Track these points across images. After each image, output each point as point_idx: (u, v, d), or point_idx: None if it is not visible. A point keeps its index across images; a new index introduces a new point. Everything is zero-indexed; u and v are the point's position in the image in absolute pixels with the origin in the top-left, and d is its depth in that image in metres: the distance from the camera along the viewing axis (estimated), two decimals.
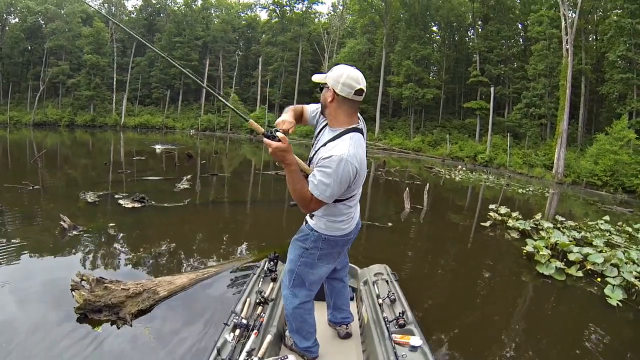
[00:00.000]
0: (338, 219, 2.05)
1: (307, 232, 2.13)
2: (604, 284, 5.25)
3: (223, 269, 4.12)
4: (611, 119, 24.64)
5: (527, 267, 5.75)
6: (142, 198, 6.66)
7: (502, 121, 30.55)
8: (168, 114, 39.73)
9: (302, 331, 2.31)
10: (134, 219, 6.14)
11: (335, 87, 1.82)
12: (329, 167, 1.74)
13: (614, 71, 22.87)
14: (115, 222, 5.79)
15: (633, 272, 5.50)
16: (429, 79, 34.03)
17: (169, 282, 3.35)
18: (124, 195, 7.17)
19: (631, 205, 16.42)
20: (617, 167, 19.40)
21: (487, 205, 11.42)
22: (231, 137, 35.48)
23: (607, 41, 23.23)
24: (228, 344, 2.08)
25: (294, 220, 7.36)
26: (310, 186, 1.79)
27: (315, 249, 2.11)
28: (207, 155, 17.89)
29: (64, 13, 38.09)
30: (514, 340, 3.68)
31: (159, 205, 6.93)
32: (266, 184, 11.74)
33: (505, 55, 32.05)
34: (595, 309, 4.70)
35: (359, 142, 1.87)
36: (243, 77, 45.85)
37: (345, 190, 1.88)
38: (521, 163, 25.11)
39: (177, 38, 40.28)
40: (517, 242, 7.20)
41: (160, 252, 4.84)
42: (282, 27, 41.90)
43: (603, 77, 25.44)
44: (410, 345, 2.14)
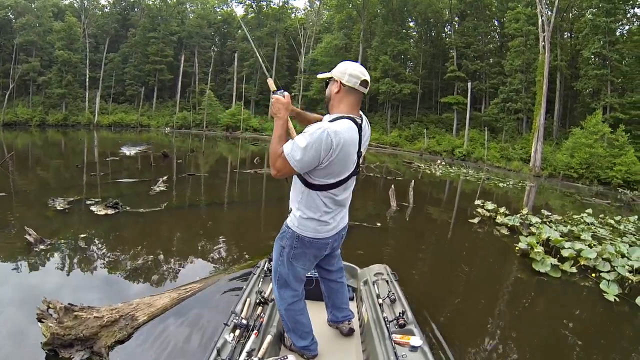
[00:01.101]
0: (314, 215, 2.00)
1: (284, 230, 2.13)
2: (598, 280, 5.21)
3: (207, 284, 3.72)
4: (585, 113, 25.33)
5: (522, 264, 5.65)
6: (115, 204, 6.13)
7: (479, 116, 31.03)
8: (142, 111, 38.49)
9: (297, 331, 2.30)
10: (107, 228, 5.61)
11: (342, 79, 1.91)
12: (308, 132, 1.80)
13: (588, 68, 23.48)
14: (86, 233, 5.27)
15: (626, 266, 5.51)
16: (406, 74, 34.16)
17: (148, 304, 2.94)
18: (96, 201, 6.61)
19: (606, 196, 16.87)
20: (592, 160, 19.92)
21: (471, 200, 11.38)
22: (207, 134, 34.74)
23: (582, 39, 23.81)
24: (228, 344, 2.07)
25: (275, 222, 7.05)
26: (286, 144, 1.86)
27: (290, 247, 2.09)
28: (183, 154, 17.26)
29: (35, 7, 36.22)
30: (515, 339, 3.59)
31: (134, 211, 6.40)
32: (245, 183, 11.33)
33: (482, 51, 32.48)
34: (594, 305, 4.66)
35: (349, 128, 1.89)
36: (219, 73, 45.04)
37: (320, 169, 1.87)
38: (499, 157, 25.53)
39: (151, 33, 39.04)
40: (507, 239, 7.12)
41: (136, 266, 4.38)
42: (258, 23, 41.34)
43: (578, 73, 26.12)
44: (410, 345, 2.13)
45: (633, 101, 21.53)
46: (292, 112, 2.08)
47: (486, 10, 33.13)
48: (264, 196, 9.86)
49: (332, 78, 1.97)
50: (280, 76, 41.35)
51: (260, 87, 40.95)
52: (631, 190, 17.89)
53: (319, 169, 1.89)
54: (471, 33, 32.29)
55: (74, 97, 35.40)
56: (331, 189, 1.97)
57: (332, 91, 1.98)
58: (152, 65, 38.93)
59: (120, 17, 42.95)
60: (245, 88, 40.10)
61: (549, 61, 23.20)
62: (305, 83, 38.11)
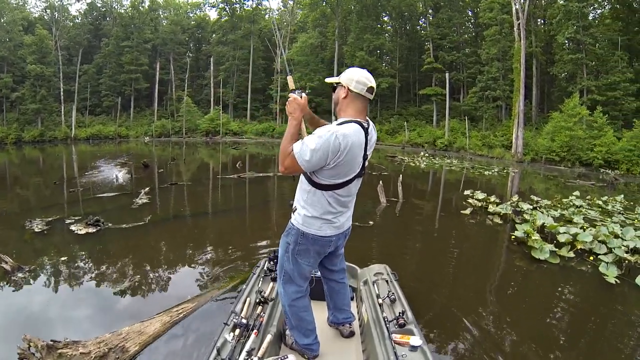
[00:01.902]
0: (318, 214, 2.06)
1: (290, 227, 2.18)
2: (597, 262, 5.20)
3: (200, 303, 3.47)
4: (562, 97, 25.79)
5: (520, 253, 5.59)
6: (97, 221, 5.77)
7: (458, 105, 31.37)
8: (120, 122, 37.61)
9: (301, 328, 2.31)
10: (89, 248, 5.26)
11: (349, 85, 1.99)
12: (318, 134, 1.88)
13: (563, 52, 23.89)
14: (67, 256, 4.90)
15: (622, 247, 5.52)
16: (383, 68, 34.24)
17: (138, 332, 2.69)
18: (76, 220, 6.23)
19: (589, 177, 17.19)
20: (572, 143, 20.27)
21: (459, 190, 11.40)
22: (187, 141, 34.29)
23: (556, 24, 24.18)
24: (228, 344, 2.06)
25: (264, 227, 6.86)
26: (296, 144, 1.94)
27: (295, 243, 2.14)
28: (164, 163, 16.82)
29: (4, 22, 34.90)
30: (518, 333, 3.50)
31: (117, 227, 6.03)
32: (229, 189, 11.04)
33: (458, 42, 32.82)
34: (596, 288, 4.63)
35: (356, 131, 1.96)
36: (195, 79, 44.48)
37: (327, 169, 1.95)
38: (480, 145, 25.79)
39: (125, 42, 38.23)
40: (501, 228, 7.10)
41: (123, 289, 4.05)
42: (232, 25, 40.93)
43: (553, 58, 26.57)
44: (410, 345, 2.12)
45: (608, 83, 21.96)
46: (306, 115, 2.14)
47: (460, 1, 33.47)
48: (249, 202, 9.61)
49: (340, 83, 2.05)
50: (257, 78, 41.28)
51: (237, 90, 40.69)
52: (612, 169, 18.26)
53: (326, 169, 1.96)
54: (446, 24, 32.58)
55: (49, 112, 34.36)
56: (336, 189, 2.04)
57: (339, 96, 2.05)
58: (127, 74, 38.18)
59: (92, 27, 41.99)
60: (222, 92, 39.72)
61: (525, 48, 23.52)
62: (282, 83, 37.89)
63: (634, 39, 24.17)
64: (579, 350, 3.35)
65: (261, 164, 19.19)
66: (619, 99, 21.73)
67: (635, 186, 15.53)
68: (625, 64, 22.37)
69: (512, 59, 25.25)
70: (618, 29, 23.80)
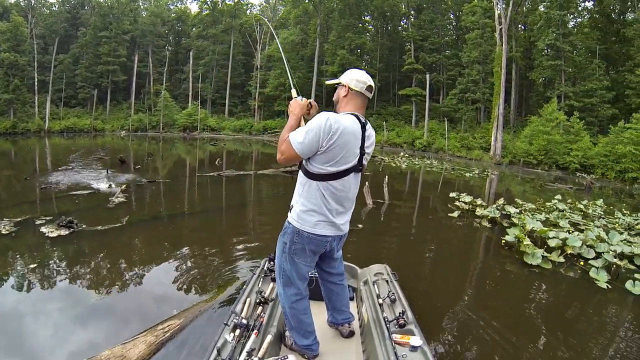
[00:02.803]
0: (314, 207, 2.06)
1: (286, 226, 2.18)
2: (587, 267, 5.23)
3: (188, 319, 3.10)
4: (539, 102, 26.45)
5: (512, 258, 5.55)
6: (69, 222, 5.29)
7: (438, 106, 31.78)
8: (96, 115, 36.46)
9: (300, 330, 2.29)
10: (61, 253, 4.73)
11: (350, 84, 2.09)
12: (313, 120, 1.98)
13: (542, 58, 24.45)
14: (36, 263, 4.39)
15: (609, 252, 5.57)
16: (363, 67, 34.30)
17: (120, 357, 2.38)
18: (47, 220, 5.73)
19: (565, 180, 17.61)
20: (550, 147, 20.76)
21: (444, 192, 11.40)
22: (164, 136, 33.57)
23: (536, 31, 24.73)
24: (228, 344, 2.05)
25: (250, 227, 6.59)
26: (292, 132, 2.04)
27: (290, 242, 2.14)
28: (140, 159, 16.22)
29: None
30: (516, 336, 3.47)
31: (92, 229, 5.56)
32: (209, 187, 10.64)
33: (439, 44, 33.16)
34: (589, 294, 4.63)
35: (351, 120, 2.03)
36: (174, 73, 43.64)
37: (320, 153, 1.98)
38: (459, 146, 26.15)
39: (103, 32, 37.05)
40: (490, 231, 7.06)
41: (100, 303, 3.57)
42: (213, 20, 40.36)
43: (532, 64, 27.17)
44: (410, 345, 2.11)
45: (585, 89, 22.64)
46: (305, 115, 2.21)
47: (442, 4, 33.84)
48: (231, 201, 9.25)
49: (340, 83, 2.15)
50: (236, 74, 41.03)
51: (216, 86, 40.15)
52: (588, 173, 18.78)
53: (320, 154, 1.98)
54: (428, 26, 32.91)
55: (22, 103, 32.80)
56: (331, 180, 2.03)
57: (340, 95, 2.14)
58: (104, 66, 37.05)
59: (69, 15, 40.54)
60: (201, 87, 39.20)
61: (506, 53, 23.93)
62: (261, 80, 37.49)
63: (611, 48, 25.07)
64: (579, 354, 3.31)
65: (240, 161, 18.80)
66: (595, 106, 22.45)
67: (610, 190, 16.01)
68: (602, 72, 23.13)
69: (492, 63, 25.68)
70: (596, 37, 24.60)
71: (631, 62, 22.36)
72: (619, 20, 25.58)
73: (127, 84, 39.70)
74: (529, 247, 5.37)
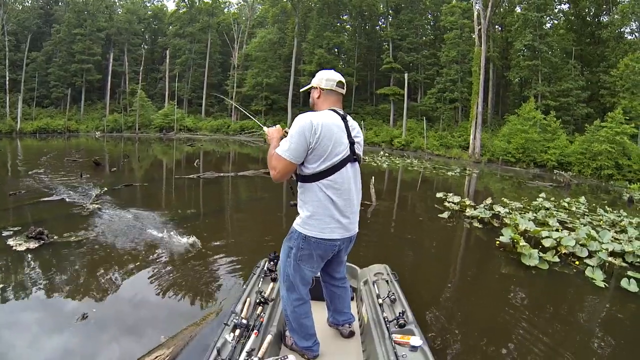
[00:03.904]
0: (318, 209, 2.03)
1: (292, 231, 2.15)
2: (582, 266, 5.23)
3: (177, 347, 2.71)
4: (516, 101, 26.98)
5: (508, 259, 5.47)
6: (39, 233, 4.76)
7: (416, 105, 32.08)
8: (70, 115, 35.19)
9: (301, 332, 2.29)
10: (29, 269, 4.24)
11: (320, 84, 2.15)
12: (293, 125, 1.99)
13: (519, 59, 24.94)
14: (1, 280, 3.86)
15: (603, 251, 5.59)
16: (339, 66, 34.34)
17: None
18: (15, 231, 5.18)
19: (543, 178, 17.99)
20: (528, 145, 21.19)
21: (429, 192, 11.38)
22: (140, 137, 32.66)
23: (514, 31, 25.21)
24: (228, 344, 2.04)
25: (239, 235, 6.10)
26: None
27: (297, 248, 2.11)
28: (116, 161, 15.55)
29: None
30: (518, 336, 3.44)
31: (64, 240, 5.03)
32: (189, 191, 10.20)
33: (417, 44, 33.45)
34: (588, 293, 4.63)
35: (329, 114, 2.08)
36: (150, 72, 42.59)
37: (311, 154, 1.99)
38: (438, 145, 26.43)
39: (77, 30, 35.65)
40: (482, 232, 6.98)
41: (75, 331, 3.05)
42: (190, 18, 39.68)
43: (509, 64, 27.69)
44: (410, 345, 2.10)
45: (561, 89, 23.25)
46: (283, 136, 2.21)
47: (421, 4, 34.15)
48: (214, 205, 8.81)
49: (312, 87, 2.20)
50: (213, 73, 40.67)
51: (193, 85, 39.52)
52: (565, 171, 19.23)
53: (311, 155, 1.99)
54: (406, 26, 33.15)
55: None
56: (328, 176, 2.02)
57: (314, 97, 2.20)
58: (78, 64, 35.70)
59: (42, 11, 38.87)
60: (177, 87, 38.47)
61: (485, 53, 24.28)
62: (238, 79, 36.99)
63: (586, 49, 25.87)
64: (586, 353, 3.30)
65: (218, 161, 18.35)
66: (571, 105, 23.07)
67: (587, 187, 16.40)
68: (577, 73, 23.82)
69: (471, 63, 26.03)
70: (571, 39, 25.32)
71: (605, 63, 23.11)
72: (594, 22, 26.45)
73: (102, 83, 38.49)
74: (525, 248, 5.29)
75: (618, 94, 20.24)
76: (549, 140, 20.95)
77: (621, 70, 19.86)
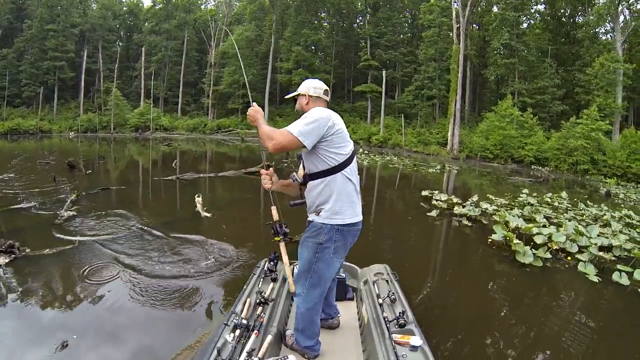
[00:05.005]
0: (341, 197, 2.14)
1: (319, 227, 2.16)
2: (574, 262, 5.32)
3: None
4: (492, 98, 27.48)
5: (501, 256, 5.48)
6: (10, 246, 4.27)
7: (393, 103, 32.33)
8: (43, 115, 33.68)
9: (307, 331, 2.32)
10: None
11: (308, 92, 2.30)
12: (311, 114, 2.11)
13: (497, 57, 25.40)
14: None
15: (592, 246, 5.71)
16: (316, 64, 34.20)
17: None
18: None
19: (521, 173, 18.41)
20: (505, 141, 21.62)
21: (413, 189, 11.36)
22: (115, 137, 31.68)
23: (492, 30, 25.65)
24: (228, 344, 2.04)
25: (233, 238, 5.42)
26: (290, 127, 2.07)
27: (330, 241, 2.16)
28: (91, 163, 14.88)
29: None
30: (518, 335, 3.46)
31: (38, 254, 4.55)
32: (170, 193, 9.79)
33: (395, 41, 33.67)
34: (583, 288, 4.72)
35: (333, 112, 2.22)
36: (125, 70, 41.31)
37: (328, 139, 2.10)
38: (416, 142, 26.70)
39: (50, 25, 34.02)
40: (473, 230, 6.98)
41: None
42: (166, 14, 38.81)
43: (486, 62, 28.18)
44: (410, 345, 2.11)
45: (537, 87, 23.82)
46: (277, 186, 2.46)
47: (399, 2, 34.37)
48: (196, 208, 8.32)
49: (300, 94, 2.32)
50: (190, 71, 40.06)
51: (169, 83, 38.73)
52: (542, 166, 19.72)
53: (328, 141, 2.11)
54: (384, 23, 33.31)
55: None
56: (348, 165, 2.17)
57: (302, 104, 2.30)
58: (51, 61, 34.16)
59: (14, 6, 36.83)
60: (153, 85, 37.59)
61: (463, 51, 24.60)
62: (215, 77, 36.44)
63: (561, 49, 26.63)
64: (588, 348, 3.31)
65: (195, 161, 17.90)
66: (547, 102, 23.66)
67: (564, 181, 16.84)
68: (553, 71, 24.42)
69: (448, 60, 26.34)
70: (547, 38, 25.99)
71: (580, 61, 23.80)
72: (569, 22, 27.27)
73: (76, 82, 37.04)
74: (519, 246, 5.29)
75: (593, 92, 20.83)
76: (526, 136, 21.43)
77: (596, 69, 20.43)
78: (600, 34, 25.89)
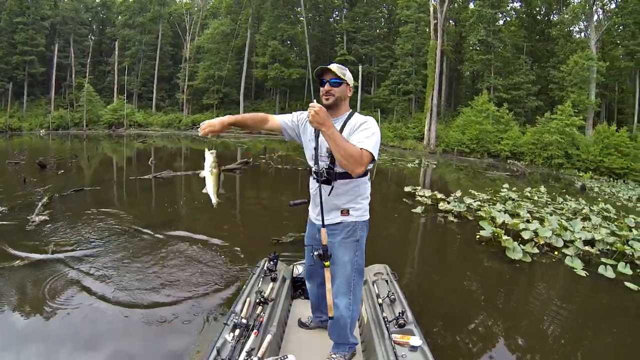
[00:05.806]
0: (368, 195, 2.24)
1: (352, 225, 2.18)
2: (561, 256, 5.40)
3: None
4: (468, 94, 27.95)
5: (490, 253, 5.51)
6: None
7: (370, 97, 32.52)
8: (12, 112, 32.10)
9: (352, 329, 2.32)
10: None
11: (351, 84, 2.25)
12: (372, 127, 2.04)
13: (473, 52, 25.82)
14: None
15: (577, 240, 5.81)
16: (292, 59, 33.90)
17: None
18: None
19: (497, 167, 18.81)
20: (482, 136, 22.07)
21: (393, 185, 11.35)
22: (88, 134, 30.65)
23: (468, 26, 26.04)
24: (228, 344, 2.04)
25: (223, 245, 5.10)
26: (366, 145, 1.95)
27: (364, 235, 2.24)
28: (64, 162, 14.16)
29: None
30: (517, 331, 3.49)
31: (6, 265, 4.10)
32: (147, 193, 9.40)
33: (372, 36, 33.79)
34: (572, 282, 4.81)
35: None
36: (97, 64, 39.96)
37: None
38: (392, 136, 26.90)
39: (19, 18, 32.47)
40: (459, 226, 7.01)
41: None
42: (140, 7, 37.75)
43: (462, 57, 28.62)
44: (410, 345, 2.10)
45: (513, 83, 24.37)
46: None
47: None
48: (179, 210, 7.95)
49: (346, 82, 2.20)
50: (164, 66, 39.21)
51: (143, 79, 37.76)
52: (518, 160, 20.22)
53: None
54: (361, 18, 33.38)
55: None
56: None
57: (346, 93, 2.24)
58: (20, 56, 32.67)
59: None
60: (127, 80, 36.52)
61: (440, 46, 24.88)
62: (190, 72, 35.71)
63: (536, 46, 27.34)
64: (589, 344, 3.36)
65: (171, 158, 17.50)
66: (522, 98, 24.24)
67: (539, 175, 17.31)
68: (528, 67, 25.04)
69: (425, 56, 26.61)
70: (523, 35, 26.60)
71: (555, 59, 24.52)
72: (544, 20, 28.03)
73: (46, 77, 35.52)
74: (509, 242, 5.33)
75: (567, 89, 21.48)
76: (502, 131, 21.93)
77: (570, 66, 21.05)
78: (575, 32, 26.77)
